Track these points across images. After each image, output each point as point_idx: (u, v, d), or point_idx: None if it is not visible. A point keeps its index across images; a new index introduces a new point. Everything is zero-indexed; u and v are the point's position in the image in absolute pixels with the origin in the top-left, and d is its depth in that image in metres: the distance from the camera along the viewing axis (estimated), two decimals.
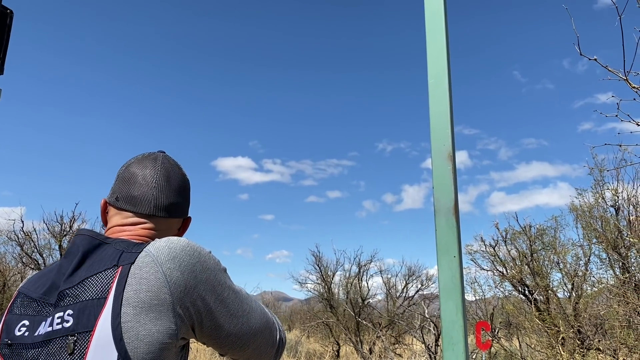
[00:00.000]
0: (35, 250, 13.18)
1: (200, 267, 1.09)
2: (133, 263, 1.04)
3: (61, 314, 1.03)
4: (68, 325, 1.01)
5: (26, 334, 1.05)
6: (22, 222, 12.96)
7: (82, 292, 1.04)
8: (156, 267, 1.03)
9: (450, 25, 1.39)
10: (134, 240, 1.15)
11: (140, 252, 1.06)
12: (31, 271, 13.45)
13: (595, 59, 2.78)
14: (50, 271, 1.14)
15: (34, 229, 13.16)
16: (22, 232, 12.96)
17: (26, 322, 1.07)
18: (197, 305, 1.06)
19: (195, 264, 1.08)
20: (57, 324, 1.02)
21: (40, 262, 13.12)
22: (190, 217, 1.37)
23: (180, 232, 1.34)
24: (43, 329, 1.03)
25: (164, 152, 1.35)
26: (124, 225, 1.22)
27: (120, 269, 1.04)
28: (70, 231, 13.21)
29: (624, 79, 2.75)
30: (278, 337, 1.27)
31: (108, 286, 1.02)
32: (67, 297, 1.05)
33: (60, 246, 13.04)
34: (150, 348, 0.98)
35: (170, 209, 1.26)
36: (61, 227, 13.16)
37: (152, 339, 0.98)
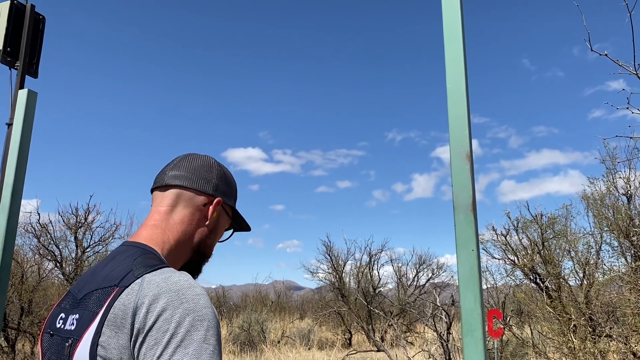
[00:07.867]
0: (52, 242, 13.40)
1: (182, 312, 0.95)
2: (127, 287, 1.01)
3: (74, 315, 1.08)
4: (72, 328, 1.06)
5: (62, 326, 1.11)
6: (39, 214, 13.15)
7: (88, 300, 1.06)
8: (135, 299, 0.98)
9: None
10: (145, 247, 1.14)
11: (137, 279, 1.02)
12: (48, 262, 13.73)
13: (606, 54, 2.82)
14: (90, 271, 1.18)
15: (50, 221, 13.34)
16: (38, 225, 13.16)
17: (63, 315, 1.12)
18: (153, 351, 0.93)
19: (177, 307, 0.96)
20: (70, 324, 1.07)
21: (56, 254, 13.33)
22: (220, 200, 1.25)
23: (209, 212, 1.24)
24: (68, 325, 1.09)
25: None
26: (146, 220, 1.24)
27: (116, 290, 1.02)
28: (85, 223, 13.43)
29: (634, 73, 2.80)
30: None
31: (102, 303, 1.02)
32: (82, 301, 1.09)
33: (75, 238, 13.25)
34: None
35: (179, 177, 1.23)
36: (76, 219, 13.35)
37: None
